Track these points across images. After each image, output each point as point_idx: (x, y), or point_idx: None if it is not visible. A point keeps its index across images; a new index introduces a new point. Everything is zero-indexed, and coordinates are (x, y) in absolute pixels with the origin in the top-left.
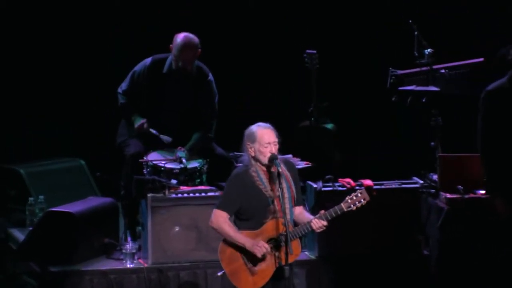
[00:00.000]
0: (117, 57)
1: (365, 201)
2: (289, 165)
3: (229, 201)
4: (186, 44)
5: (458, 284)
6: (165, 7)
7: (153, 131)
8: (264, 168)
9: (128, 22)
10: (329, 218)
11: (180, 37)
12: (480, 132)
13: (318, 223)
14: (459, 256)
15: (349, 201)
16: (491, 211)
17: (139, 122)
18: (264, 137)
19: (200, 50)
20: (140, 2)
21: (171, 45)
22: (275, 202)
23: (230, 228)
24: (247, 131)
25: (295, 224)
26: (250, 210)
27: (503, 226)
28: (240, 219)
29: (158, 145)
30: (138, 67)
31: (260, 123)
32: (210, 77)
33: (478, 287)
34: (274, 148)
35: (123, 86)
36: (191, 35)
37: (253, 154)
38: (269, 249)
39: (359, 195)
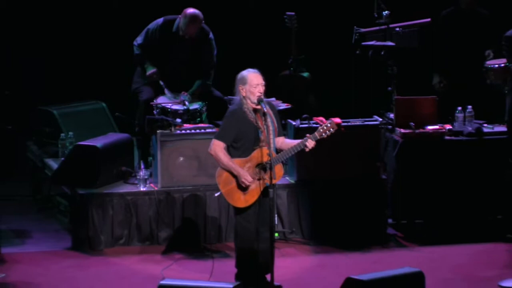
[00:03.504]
0: (134, 16)
1: (334, 130)
2: (271, 105)
3: (226, 133)
4: (191, 22)
5: (409, 200)
6: None
7: (161, 83)
8: (253, 106)
9: None
10: (315, 139)
11: (187, 14)
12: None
13: (312, 142)
14: (410, 179)
15: (321, 130)
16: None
17: (150, 70)
18: (253, 80)
19: (203, 21)
20: None
21: (181, 15)
22: (263, 133)
23: (225, 156)
24: (239, 76)
25: (280, 150)
26: (242, 139)
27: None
28: (234, 147)
29: (164, 92)
30: (151, 25)
31: (249, 69)
32: (211, 35)
33: (425, 203)
34: (261, 89)
35: (139, 40)
36: (196, 13)
37: (244, 94)
38: (251, 180)
39: (329, 125)
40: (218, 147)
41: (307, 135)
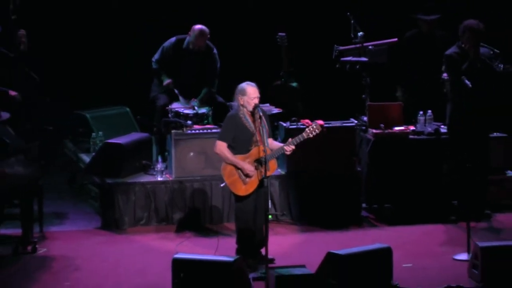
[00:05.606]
0: (151, 37)
1: (318, 131)
2: (263, 111)
3: (226, 134)
4: (200, 35)
5: (379, 188)
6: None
7: (176, 91)
8: (249, 112)
9: (161, 15)
10: (295, 143)
11: (196, 29)
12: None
13: (289, 148)
14: (380, 171)
15: (307, 131)
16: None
17: (166, 80)
18: (251, 93)
19: (209, 36)
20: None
21: (190, 32)
22: (256, 135)
23: (228, 153)
24: (239, 87)
25: (270, 149)
26: (239, 140)
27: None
28: (232, 147)
29: (178, 98)
30: (166, 43)
31: (248, 82)
32: (215, 50)
33: (393, 190)
34: (257, 100)
35: (156, 56)
36: (203, 28)
37: (242, 103)
38: (254, 170)
39: (314, 127)
40: (222, 146)
41: (290, 139)
